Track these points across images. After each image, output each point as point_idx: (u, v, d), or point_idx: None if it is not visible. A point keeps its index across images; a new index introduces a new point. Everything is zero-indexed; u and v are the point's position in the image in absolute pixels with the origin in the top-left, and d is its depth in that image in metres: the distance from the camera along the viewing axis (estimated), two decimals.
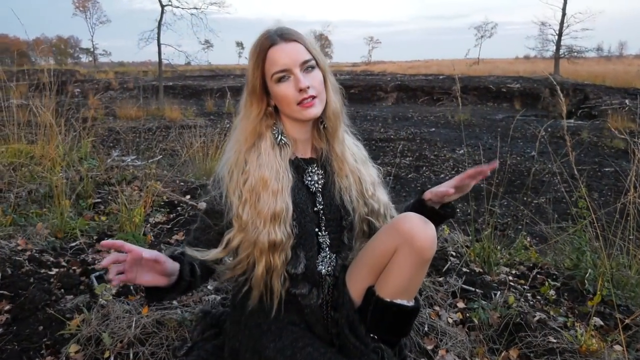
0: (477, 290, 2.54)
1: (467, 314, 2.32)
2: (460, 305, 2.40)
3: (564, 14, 29.09)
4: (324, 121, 1.66)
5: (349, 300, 1.65)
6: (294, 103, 1.54)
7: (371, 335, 1.62)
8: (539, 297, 2.75)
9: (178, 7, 19.22)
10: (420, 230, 1.48)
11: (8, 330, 2.12)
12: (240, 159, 1.59)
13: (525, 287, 2.87)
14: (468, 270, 2.91)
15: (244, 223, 1.55)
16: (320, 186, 1.71)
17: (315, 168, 1.71)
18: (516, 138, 12.17)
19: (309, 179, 1.70)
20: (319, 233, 1.70)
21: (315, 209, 1.69)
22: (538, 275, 3.09)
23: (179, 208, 3.79)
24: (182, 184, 4.50)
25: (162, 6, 18.58)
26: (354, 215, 1.72)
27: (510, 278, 2.98)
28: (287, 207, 1.57)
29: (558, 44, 29.45)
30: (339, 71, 36.83)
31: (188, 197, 4.09)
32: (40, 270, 2.66)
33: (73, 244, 3.09)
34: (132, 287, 2.38)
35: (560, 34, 29.61)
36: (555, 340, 2.07)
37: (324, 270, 1.71)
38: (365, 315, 1.62)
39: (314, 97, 1.54)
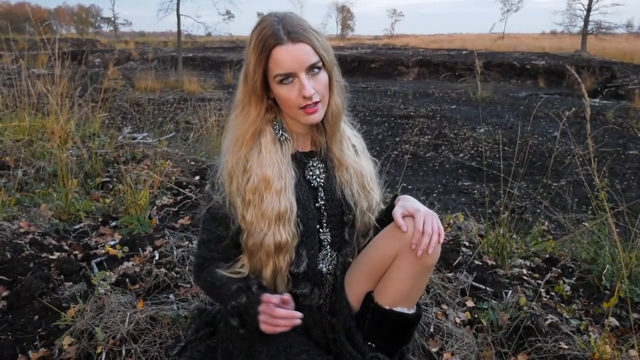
0: (487, 288, 2.44)
1: (476, 315, 2.22)
2: (469, 304, 2.30)
3: None
4: (323, 120, 1.55)
5: (346, 306, 1.58)
6: (296, 107, 1.44)
7: (369, 343, 1.54)
8: (552, 294, 2.65)
9: None
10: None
11: (3, 318, 2.09)
12: (241, 161, 1.50)
13: (539, 282, 2.77)
14: (480, 263, 2.81)
15: (248, 225, 1.49)
16: (322, 181, 1.62)
17: (316, 162, 1.62)
18: (539, 117, 11.89)
19: (311, 173, 1.62)
20: (320, 230, 1.63)
21: (317, 204, 1.61)
22: (553, 268, 2.98)
23: (187, 190, 3.73)
24: (192, 163, 4.44)
25: None
26: (355, 209, 1.64)
27: (525, 271, 2.87)
28: (292, 206, 1.50)
29: (586, 20, 28.66)
30: (360, 44, 36.38)
31: (197, 178, 4.02)
32: (41, 255, 2.62)
33: (77, 227, 3.04)
34: (127, 280, 2.32)
35: (589, 9, 28.80)
36: (566, 347, 1.97)
37: (324, 269, 1.65)
38: (363, 322, 1.54)
39: (317, 102, 1.44)
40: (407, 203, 1.49)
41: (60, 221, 3.07)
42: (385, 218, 1.59)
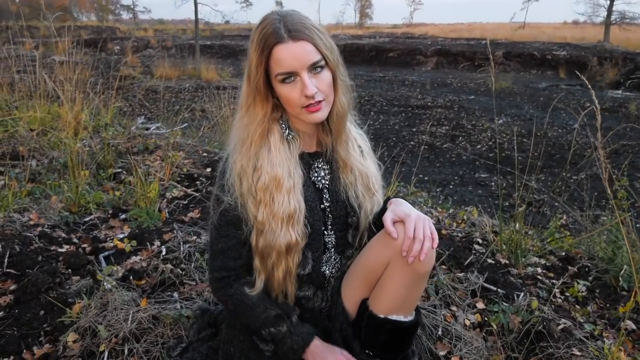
0: (499, 290, 2.38)
1: (486, 317, 2.17)
2: (480, 305, 2.25)
3: None
4: (328, 121, 1.51)
5: (341, 312, 1.55)
6: (298, 106, 1.40)
7: (366, 351, 1.50)
8: (567, 294, 2.58)
9: None
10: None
11: (10, 313, 2.08)
12: (251, 160, 1.45)
13: (554, 281, 2.70)
14: (493, 262, 2.75)
15: (260, 224, 1.45)
16: (327, 182, 1.58)
17: (321, 163, 1.59)
18: (559, 109, 11.69)
19: (316, 175, 1.58)
20: (325, 232, 1.59)
21: (322, 206, 1.58)
22: (569, 267, 2.91)
23: (197, 182, 3.71)
24: (204, 154, 4.41)
25: None
26: (359, 211, 1.60)
27: (539, 270, 2.81)
28: (300, 206, 1.46)
29: (609, 9, 28.06)
30: (378, 33, 36.12)
31: (209, 170, 4.00)
32: (50, 248, 2.61)
33: (87, 219, 3.03)
34: (131, 278, 2.31)
35: None
36: (579, 353, 1.91)
37: (327, 272, 1.63)
38: (360, 330, 1.50)
39: (320, 101, 1.39)
40: (397, 208, 1.44)
41: (71, 213, 3.07)
42: (378, 221, 1.55)
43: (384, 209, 1.51)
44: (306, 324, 1.53)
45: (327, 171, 1.59)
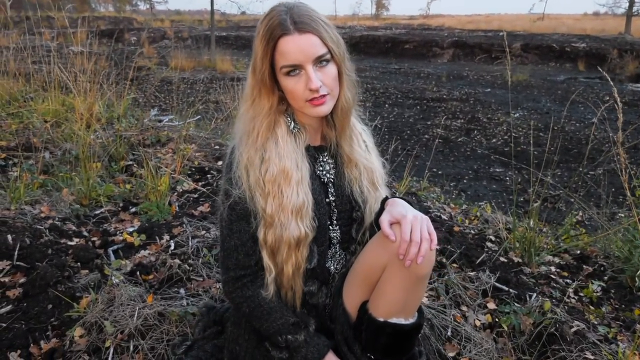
0: (510, 290, 2.34)
1: (497, 318, 2.13)
2: (491, 305, 2.21)
3: None
4: (333, 116, 1.48)
5: (342, 314, 1.52)
6: (302, 100, 1.37)
7: (368, 355, 1.47)
8: (581, 294, 2.53)
9: None
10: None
11: (18, 307, 2.08)
12: (259, 152, 1.43)
13: (567, 281, 2.65)
14: (506, 260, 2.71)
15: (269, 217, 1.42)
16: (332, 177, 1.56)
17: (326, 157, 1.56)
18: (577, 102, 11.52)
19: (321, 168, 1.56)
20: (330, 227, 1.57)
21: (327, 200, 1.55)
22: (584, 266, 2.86)
23: (208, 176, 3.69)
24: (216, 147, 4.40)
25: None
26: (364, 207, 1.58)
27: (553, 269, 2.76)
28: (309, 199, 1.44)
29: (631, 0, 27.50)
30: (394, 24, 35.88)
31: (220, 163, 3.98)
32: (60, 241, 2.61)
33: (97, 212, 3.03)
34: (138, 273, 2.30)
35: None
36: (592, 357, 1.87)
37: (332, 268, 1.60)
38: (361, 333, 1.47)
39: (324, 95, 1.36)
40: (394, 208, 1.39)
41: (81, 206, 3.07)
42: (375, 220, 1.51)
43: (381, 209, 1.47)
44: (322, 336, 1.51)
45: (332, 165, 1.57)
